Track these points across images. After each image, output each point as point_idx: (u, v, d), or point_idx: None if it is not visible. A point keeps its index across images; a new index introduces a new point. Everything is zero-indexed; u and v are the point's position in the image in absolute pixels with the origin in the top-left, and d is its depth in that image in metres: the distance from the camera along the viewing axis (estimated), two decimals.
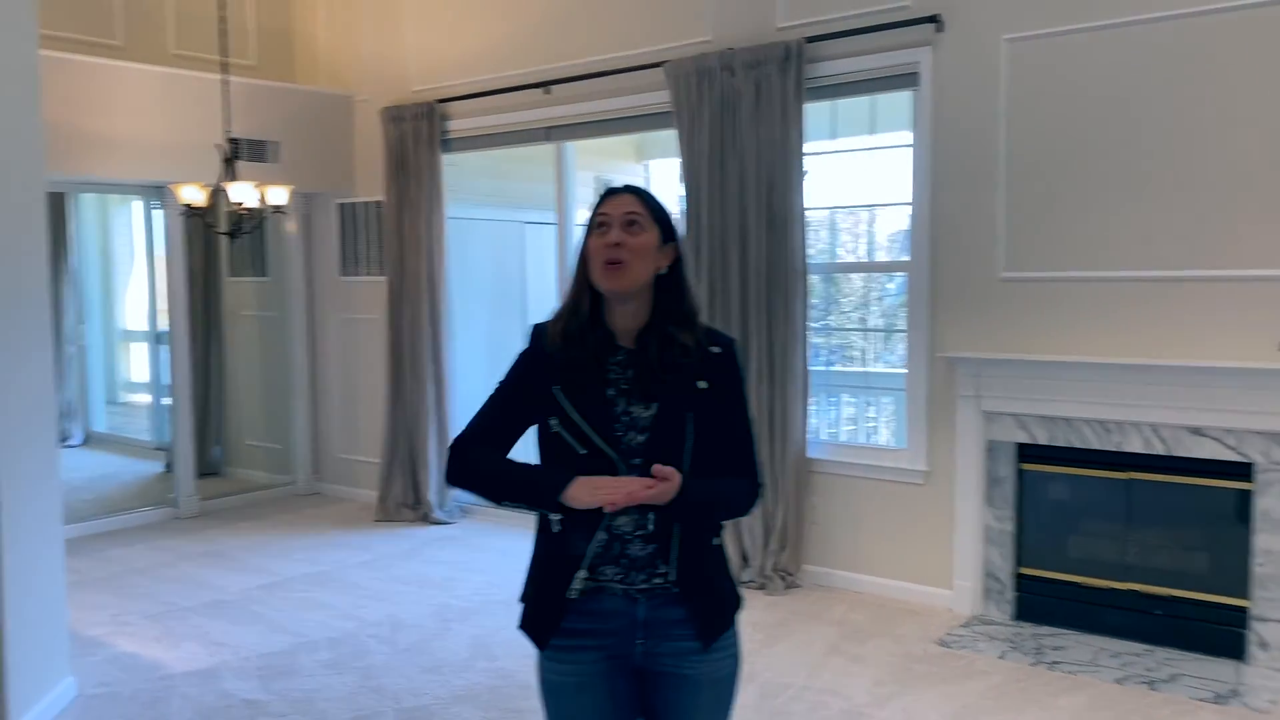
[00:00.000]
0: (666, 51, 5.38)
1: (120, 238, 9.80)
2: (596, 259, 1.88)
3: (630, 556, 1.90)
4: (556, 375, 1.91)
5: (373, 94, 6.82)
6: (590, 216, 1.94)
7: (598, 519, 1.88)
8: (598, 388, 1.91)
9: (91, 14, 6.29)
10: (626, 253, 1.87)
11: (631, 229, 1.88)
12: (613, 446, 1.87)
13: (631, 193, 1.94)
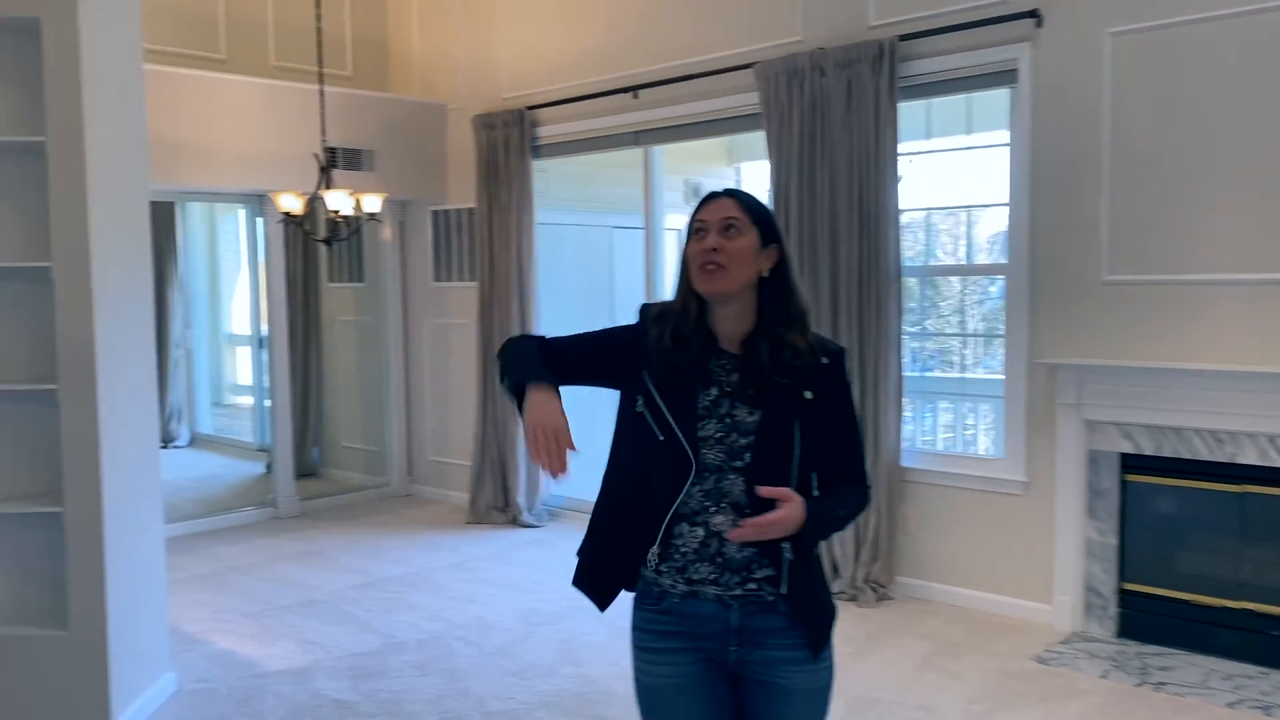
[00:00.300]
0: (756, 53, 5.32)
1: (226, 244, 10.14)
2: (695, 264, 1.89)
3: (726, 556, 1.88)
4: (651, 361, 1.92)
5: (465, 102, 6.91)
6: (689, 221, 1.95)
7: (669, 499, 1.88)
8: (691, 383, 1.91)
9: (197, 29, 6.51)
10: (723, 257, 1.86)
11: (729, 233, 1.88)
12: (690, 440, 1.87)
13: (730, 196, 1.93)
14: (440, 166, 7.13)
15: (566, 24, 6.35)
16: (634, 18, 5.98)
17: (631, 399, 1.94)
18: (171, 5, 6.26)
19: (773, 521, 1.77)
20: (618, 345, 2.00)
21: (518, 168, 6.48)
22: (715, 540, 1.88)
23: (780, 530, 1.79)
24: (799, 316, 1.94)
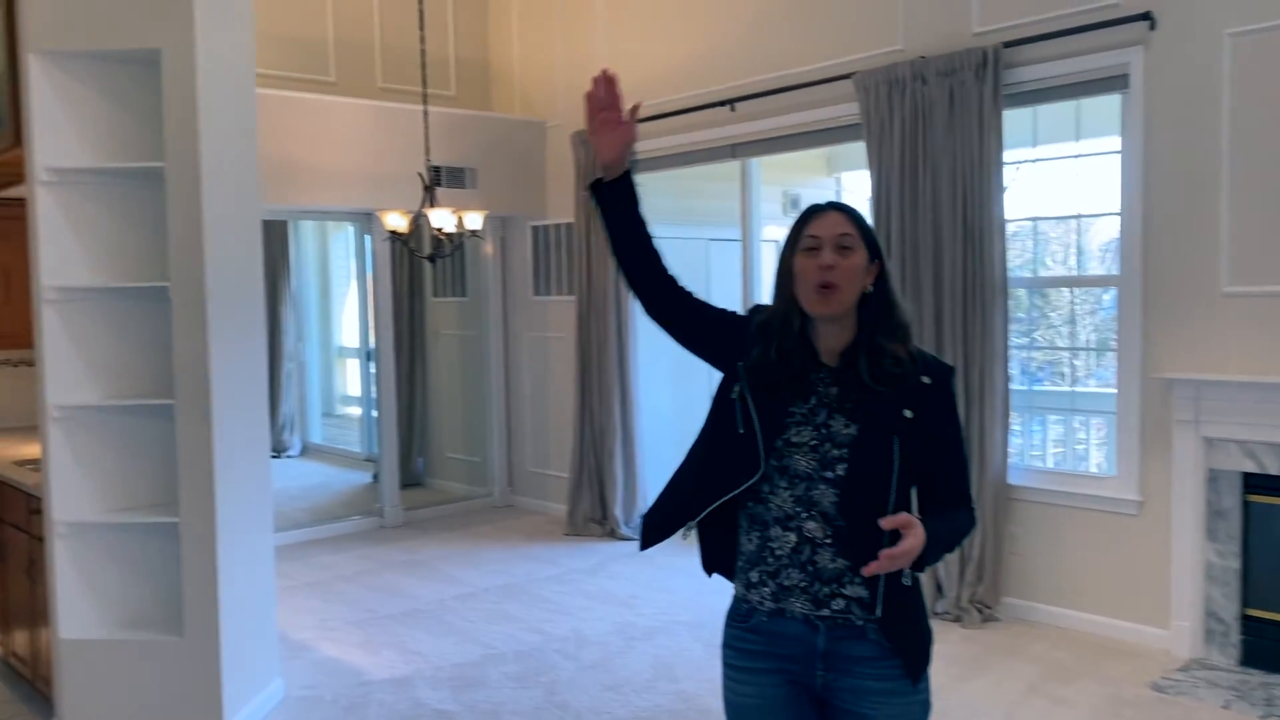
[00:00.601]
0: (855, 63, 5.26)
1: (336, 260, 10.47)
2: (807, 281, 1.87)
3: (817, 565, 1.86)
4: (751, 367, 1.92)
5: (564, 119, 7.00)
6: (793, 232, 1.92)
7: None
8: (784, 390, 1.90)
9: (308, 53, 6.74)
10: (839, 275, 1.85)
11: (844, 252, 1.86)
12: (766, 443, 1.87)
13: (841, 211, 1.91)
14: (540, 182, 7.23)
15: (663, 40, 6.38)
16: (731, 31, 5.97)
17: (730, 383, 1.95)
18: (283, 31, 6.49)
19: (904, 552, 1.73)
20: (725, 325, 2.02)
21: None
22: (807, 547, 1.86)
23: (909, 560, 1.75)
24: (900, 328, 1.92)
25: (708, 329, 2.04)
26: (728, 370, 1.99)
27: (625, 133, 1.99)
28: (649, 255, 2.05)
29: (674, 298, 2.04)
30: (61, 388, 3.59)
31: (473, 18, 7.52)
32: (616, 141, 1.99)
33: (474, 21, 7.53)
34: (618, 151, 1.99)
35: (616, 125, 1.99)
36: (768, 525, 1.90)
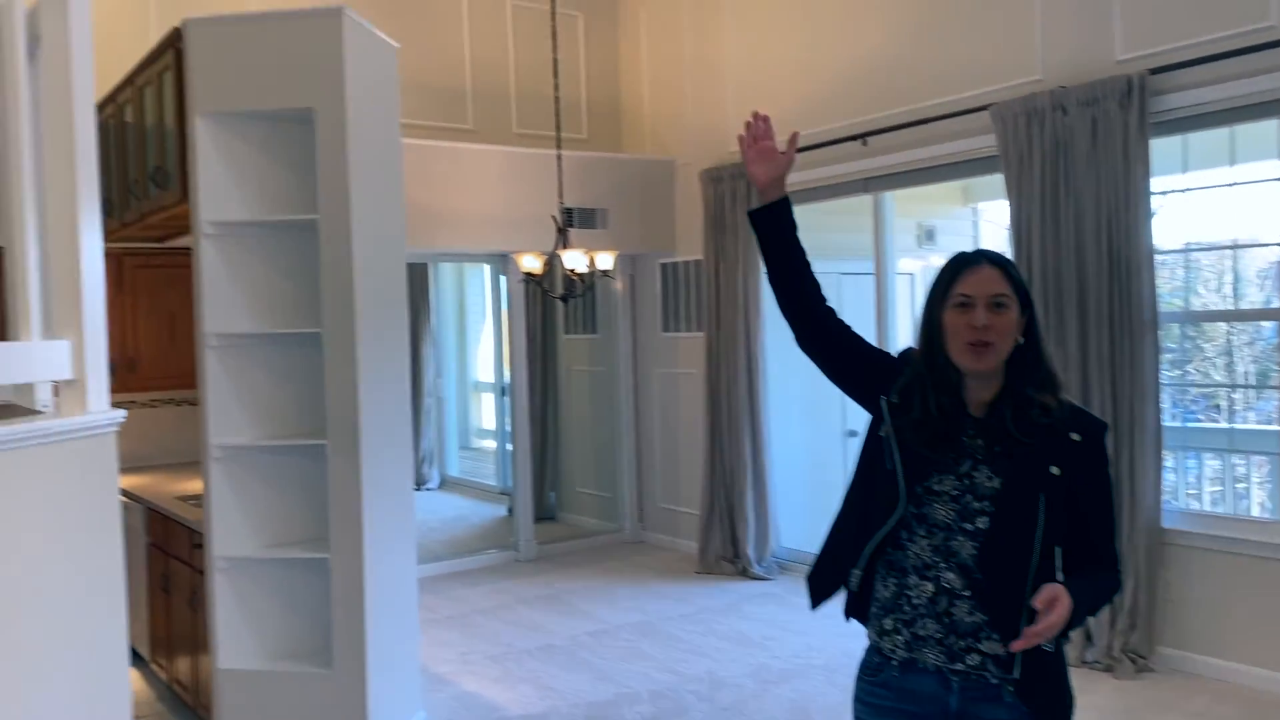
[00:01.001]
0: (992, 94, 5.15)
1: (473, 297, 10.80)
2: (958, 339, 1.84)
3: (954, 617, 1.82)
4: (900, 422, 1.91)
5: (693, 157, 7.06)
6: (942, 283, 1.89)
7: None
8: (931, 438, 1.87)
9: (448, 102, 7.00)
10: (994, 335, 1.82)
11: (997, 310, 1.83)
12: (909, 480, 1.85)
13: (994, 265, 1.86)
14: (669, 220, 7.30)
15: (793, 75, 6.38)
16: (862, 65, 5.94)
17: (879, 422, 1.95)
18: (425, 82, 6.76)
19: (1050, 626, 1.68)
20: (877, 363, 2.02)
21: (745, 220, 6.53)
22: (944, 598, 1.83)
23: (1054, 633, 1.70)
24: (1049, 379, 1.87)
25: (859, 365, 2.03)
26: (872, 408, 1.97)
27: (781, 161, 2.02)
28: (806, 284, 2.06)
29: (829, 329, 2.04)
30: (222, 428, 3.80)
31: (604, 62, 7.68)
32: (773, 170, 2.02)
33: (605, 65, 7.69)
34: (774, 179, 2.02)
35: (773, 155, 2.02)
36: (905, 573, 1.87)
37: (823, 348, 2.03)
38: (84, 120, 2.38)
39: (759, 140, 2.03)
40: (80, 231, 2.31)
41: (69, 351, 2.29)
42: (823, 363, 2.05)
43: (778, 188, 2.03)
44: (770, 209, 2.04)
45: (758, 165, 2.03)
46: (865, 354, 2.03)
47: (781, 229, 2.03)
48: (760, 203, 2.05)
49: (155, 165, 4.24)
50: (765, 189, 2.03)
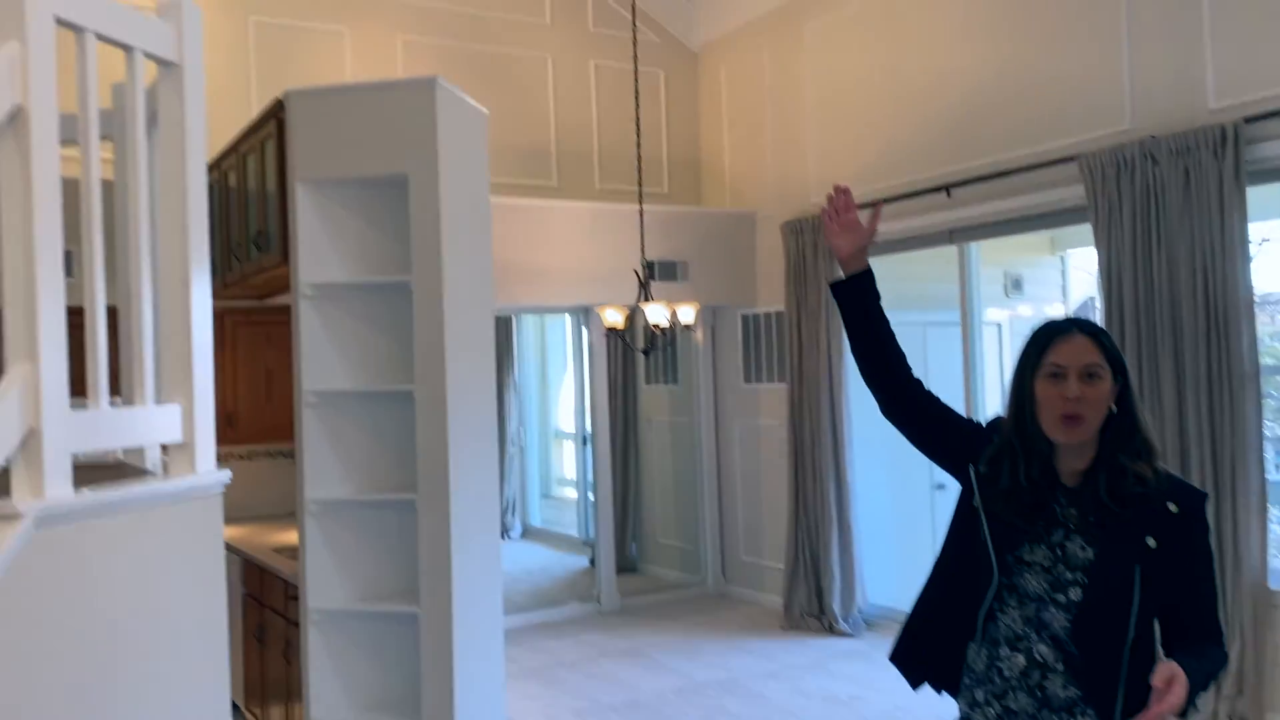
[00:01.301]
0: (1079, 144, 5.09)
1: (554, 345, 10.93)
2: (1050, 410, 1.81)
3: (1047, 691, 1.78)
4: (990, 493, 1.88)
5: (773, 209, 7.09)
6: (1033, 352, 1.86)
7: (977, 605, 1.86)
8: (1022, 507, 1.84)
9: (533, 161, 7.17)
10: (1086, 406, 1.79)
11: (1090, 381, 1.80)
12: (999, 552, 1.83)
13: (1086, 334, 1.83)
14: (750, 272, 7.33)
15: (875, 127, 6.39)
16: (945, 116, 5.92)
17: (969, 492, 1.92)
18: (512, 142, 6.93)
19: (1171, 706, 1.62)
20: (965, 433, 2.00)
21: (826, 271, 6.53)
22: (1037, 671, 1.79)
23: (1175, 711, 1.64)
24: (1144, 447, 1.83)
25: (947, 435, 2.01)
26: (960, 477, 1.95)
27: (864, 234, 2.03)
28: (890, 354, 2.05)
29: (915, 399, 2.03)
30: (317, 483, 3.90)
31: (684, 117, 7.79)
32: (856, 241, 2.04)
33: (686, 120, 7.80)
34: (857, 251, 2.04)
35: (856, 227, 2.04)
36: (997, 644, 1.84)
37: (909, 418, 2.02)
38: (197, 192, 2.51)
39: (841, 214, 2.05)
40: (192, 299, 2.42)
41: (180, 415, 2.39)
42: (909, 432, 2.03)
43: (860, 259, 2.04)
44: (853, 281, 2.04)
45: (840, 237, 2.04)
46: (953, 423, 2.02)
47: (865, 301, 2.03)
48: (842, 274, 2.06)
49: (257, 229, 4.42)
50: (847, 261, 2.04)
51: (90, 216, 2.14)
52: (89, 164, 2.15)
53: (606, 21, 7.45)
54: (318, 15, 6.45)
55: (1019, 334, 7.69)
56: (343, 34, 6.53)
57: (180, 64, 2.45)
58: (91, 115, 2.17)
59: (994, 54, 5.62)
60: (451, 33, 6.89)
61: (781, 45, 7.07)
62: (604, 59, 7.42)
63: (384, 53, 6.66)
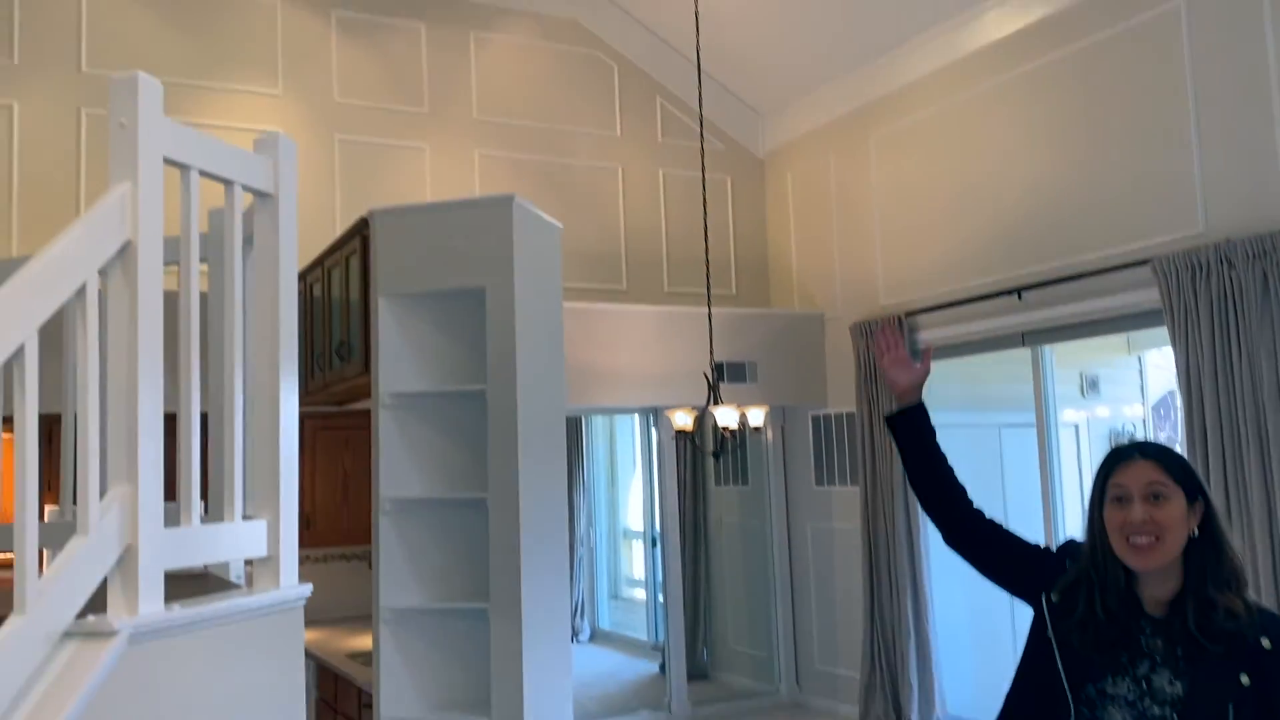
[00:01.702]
0: (1152, 247, 5.05)
1: (622, 443, 10.95)
2: (1118, 535, 1.79)
3: None
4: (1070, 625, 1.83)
5: (842, 310, 7.12)
6: (1098, 479, 1.85)
7: None
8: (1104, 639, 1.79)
9: (603, 266, 7.32)
10: (1155, 528, 1.76)
11: (1156, 502, 1.77)
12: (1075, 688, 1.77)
13: (1148, 458, 1.81)
14: (819, 373, 7.32)
15: (943, 228, 6.42)
16: (1014, 218, 5.93)
17: (1041, 623, 1.88)
18: (583, 248, 7.10)
19: None
20: (1033, 560, 1.97)
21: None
22: None
23: None
24: (1232, 576, 1.78)
25: (1013, 564, 1.99)
26: (1032, 604, 1.92)
27: (919, 371, 2.05)
28: (948, 487, 2.05)
29: (976, 530, 2.02)
30: (392, 591, 3.95)
31: (752, 220, 7.92)
32: (912, 376, 2.06)
33: (753, 224, 7.92)
34: (913, 385, 2.06)
35: (908, 362, 2.06)
36: None
37: (972, 549, 2.01)
38: (288, 314, 2.62)
39: (890, 350, 2.09)
40: (280, 416, 2.52)
41: (265, 530, 2.46)
42: (974, 562, 2.02)
43: (915, 393, 2.06)
44: (908, 414, 2.06)
45: (896, 371, 2.07)
46: (1019, 552, 1.99)
47: (920, 434, 2.05)
48: (896, 408, 2.08)
49: (340, 339, 4.57)
50: (904, 395, 2.06)
51: (189, 339, 2.25)
52: (188, 287, 2.28)
53: (674, 132, 7.66)
54: (400, 133, 6.75)
55: (1098, 436, 7.57)
56: (423, 150, 6.82)
57: (275, 195, 2.59)
58: (192, 244, 2.31)
59: (1061, 158, 5.64)
60: (526, 146, 7.14)
61: (847, 151, 7.19)
62: (672, 167, 7.61)
63: (462, 166, 6.92)
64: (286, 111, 6.43)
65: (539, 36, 7.31)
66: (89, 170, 5.86)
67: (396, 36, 6.84)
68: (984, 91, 6.13)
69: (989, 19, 6.04)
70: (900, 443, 2.08)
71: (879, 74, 6.85)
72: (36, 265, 1.89)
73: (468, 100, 7.02)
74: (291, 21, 6.52)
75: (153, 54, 6.07)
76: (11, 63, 5.78)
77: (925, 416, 2.08)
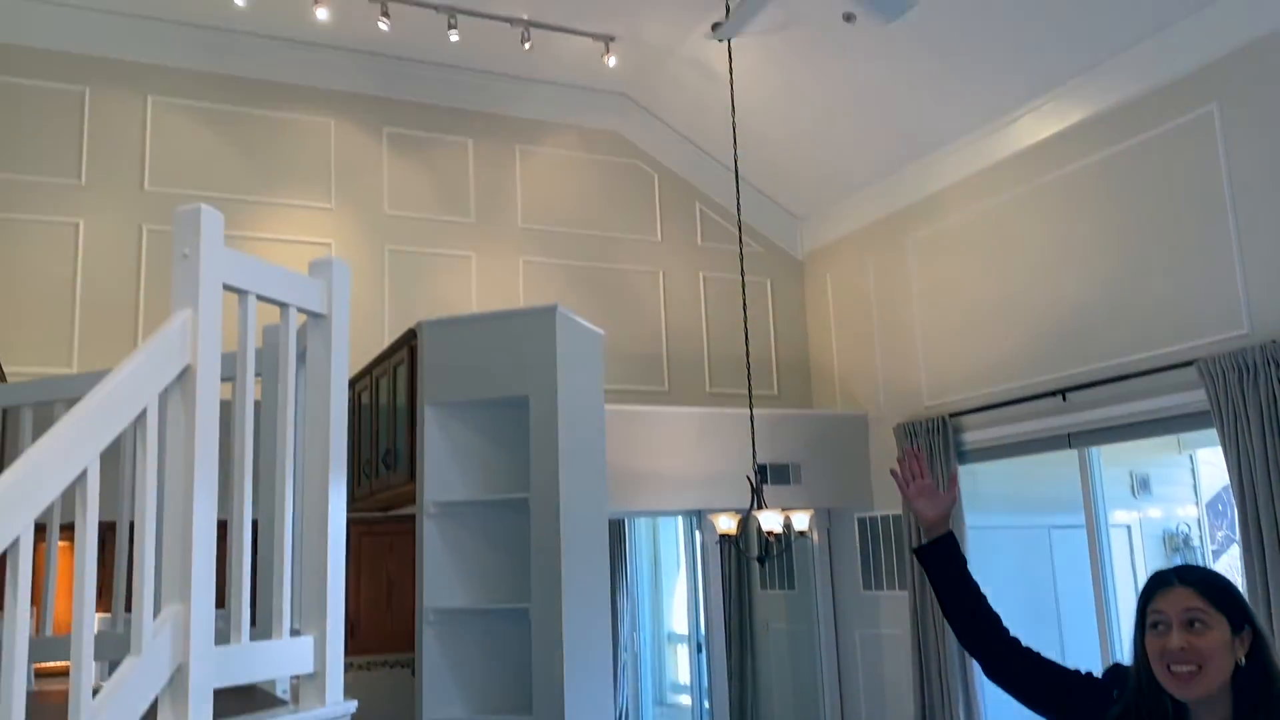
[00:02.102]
0: (1197, 348, 5.02)
1: (666, 548, 10.85)
2: (1159, 664, 1.75)
3: None
4: None
5: (885, 412, 7.10)
6: (1139, 605, 1.82)
7: None
8: None
9: (645, 368, 7.39)
10: (1195, 656, 1.72)
11: (1194, 628, 1.73)
12: None
13: (1187, 584, 1.77)
14: (864, 474, 7.27)
15: (984, 329, 6.42)
16: (1057, 320, 5.92)
17: None
18: (625, 351, 7.18)
19: None
20: (1077, 688, 1.92)
21: (942, 475, 6.44)
22: None
23: None
24: None
25: (1055, 694, 1.94)
26: None
27: (945, 499, 2.04)
28: (982, 617, 2.02)
29: (1014, 659, 1.98)
30: (436, 702, 3.93)
31: (792, 321, 7.98)
32: (939, 506, 2.05)
33: (793, 325, 7.98)
34: (942, 516, 2.04)
35: (934, 491, 2.05)
36: None
37: (1013, 680, 1.96)
38: (338, 429, 2.68)
39: (915, 479, 2.07)
40: (329, 534, 2.56)
41: (312, 647, 2.48)
42: (1017, 694, 1.97)
43: (944, 524, 2.05)
44: (938, 545, 2.04)
45: (921, 501, 2.06)
46: (1062, 682, 1.95)
47: (951, 564, 2.03)
48: (925, 539, 2.06)
49: (386, 447, 4.64)
50: (933, 526, 2.04)
51: (243, 457, 2.31)
52: (243, 405, 2.35)
53: (714, 236, 7.80)
54: (447, 243, 6.94)
55: (1151, 537, 7.40)
56: (470, 257, 6.99)
57: (328, 315, 2.68)
58: (248, 364, 2.39)
59: (1101, 260, 5.66)
60: (569, 252, 7.30)
61: (885, 253, 7.26)
62: (712, 270, 7.73)
63: (507, 272, 7.08)
64: (339, 224, 6.66)
65: (580, 148, 7.53)
66: (148, 284, 6.08)
67: (445, 151, 7.09)
68: (1020, 195, 6.20)
69: (1022, 124, 6.14)
70: (931, 575, 2.06)
71: (914, 178, 6.96)
72: (101, 393, 1.97)
73: (513, 209, 7.22)
74: (345, 139, 6.79)
75: (212, 172, 6.35)
76: (79, 183, 6.06)
77: (956, 546, 2.07)
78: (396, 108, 6.97)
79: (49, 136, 6.05)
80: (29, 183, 5.96)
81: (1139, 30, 5.31)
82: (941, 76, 6.12)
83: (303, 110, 6.70)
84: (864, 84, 6.44)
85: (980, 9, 5.55)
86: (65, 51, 6.14)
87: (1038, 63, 5.77)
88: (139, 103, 6.29)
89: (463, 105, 7.15)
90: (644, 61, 7.00)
